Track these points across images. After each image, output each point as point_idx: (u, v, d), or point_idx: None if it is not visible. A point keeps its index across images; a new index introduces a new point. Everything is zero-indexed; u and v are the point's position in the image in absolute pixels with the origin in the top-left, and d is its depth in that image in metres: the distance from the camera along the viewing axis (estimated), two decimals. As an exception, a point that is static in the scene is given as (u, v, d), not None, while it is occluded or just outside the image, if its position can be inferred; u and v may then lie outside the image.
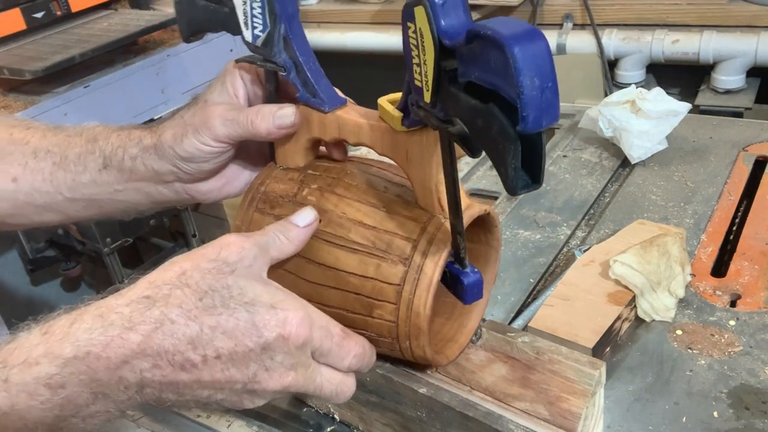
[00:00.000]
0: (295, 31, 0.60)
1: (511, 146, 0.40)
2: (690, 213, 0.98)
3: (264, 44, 0.60)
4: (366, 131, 0.59)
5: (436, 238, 0.56)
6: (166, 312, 0.49)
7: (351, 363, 0.55)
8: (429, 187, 0.57)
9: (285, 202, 0.62)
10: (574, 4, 1.97)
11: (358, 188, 0.61)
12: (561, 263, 0.93)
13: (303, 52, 0.60)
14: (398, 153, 0.58)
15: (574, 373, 0.61)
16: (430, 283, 0.55)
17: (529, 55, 0.38)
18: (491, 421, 0.59)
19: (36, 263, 2.06)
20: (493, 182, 1.14)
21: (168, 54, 1.76)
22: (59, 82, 1.60)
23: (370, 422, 0.69)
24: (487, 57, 0.40)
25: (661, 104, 1.08)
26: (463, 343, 0.63)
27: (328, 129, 0.61)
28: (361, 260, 0.58)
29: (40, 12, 1.66)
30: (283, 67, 0.61)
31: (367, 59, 2.21)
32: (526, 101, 0.38)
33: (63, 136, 0.70)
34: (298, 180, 0.63)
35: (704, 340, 0.76)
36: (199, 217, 2.11)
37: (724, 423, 0.67)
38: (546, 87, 0.38)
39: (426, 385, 0.63)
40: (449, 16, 0.44)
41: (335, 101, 0.61)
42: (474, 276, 0.57)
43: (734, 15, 1.79)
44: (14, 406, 0.47)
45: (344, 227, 0.59)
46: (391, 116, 0.56)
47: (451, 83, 0.45)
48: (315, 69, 0.61)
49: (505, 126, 0.40)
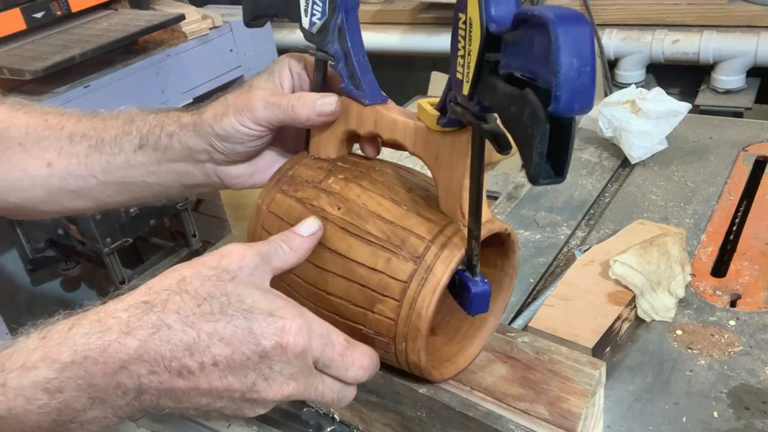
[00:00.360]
0: (351, 23, 0.61)
1: (540, 128, 0.40)
2: (690, 213, 0.98)
3: (319, 32, 0.61)
4: (401, 127, 0.60)
5: (451, 242, 0.56)
6: (163, 317, 0.49)
7: (357, 375, 0.54)
8: (453, 191, 0.57)
9: (309, 187, 0.63)
10: (574, 4, 1.97)
11: (383, 184, 0.61)
12: (561, 263, 0.93)
13: (355, 44, 0.61)
14: (429, 153, 0.58)
15: (574, 373, 0.61)
16: (437, 285, 0.55)
17: (571, 36, 0.37)
18: (491, 421, 0.59)
19: (36, 263, 2.06)
20: (493, 182, 1.14)
21: (168, 54, 1.76)
22: (59, 82, 1.59)
23: (370, 422, 0.69)
24: (531, 42, 0.40)
25: (661, 104, 1.08)
26: (461, 366, 0.63)
27: (365, 122, 0.62)
28: (373, 252, 0.58)
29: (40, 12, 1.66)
30: (334, 56, 0.61)
31: (367, 59, 2.20)
32: (561, 80, 0.38)
33: (99, 120, 0.71)
34: (326, 169, 0.64)
35: (704, 340, 0.76)
36: (199, 217, 2.11)
37: (724, 423, 0.67)
38: (584, 70, 0.38)
39: (426, 385, 0.63)
40: (500, 5, 0.44)
41: (377, 97, 0.62)
42: (483, 286, 0.57)
43: (734, 15, 1.79)
44: (11, 410, 0.47)
45: (362, 217, 0.59)
46: (428, 114, 0.56)
47: (491, 74, 0.45)
48: (363, 63, 0.62)
49: (536, 108, 0.40)
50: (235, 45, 1.93)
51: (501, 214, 1.04)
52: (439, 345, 0.64)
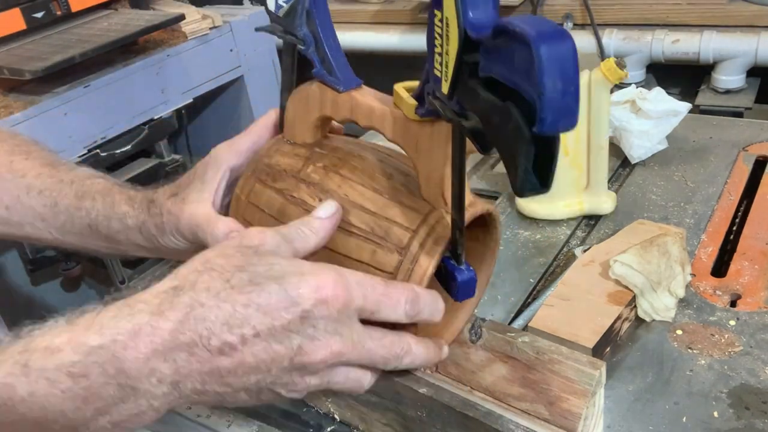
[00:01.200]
0: (320, 6, 0.59)
1: (525, 147, 0.39)
2: (690, 213, 0.98)
3: (286, 15, 0.60)
4: (378, 115, 0.58)
5: (435, 231, 0.56)
6: (195, 297, 0.47)
7: (407, 309, 0.52)
8: (434, 180, 0.56)
9: (288, 177, 0.62)
10: (574, 3, 1.97)
11: (363, 171, 0.60)
12: (561, 263, 0.93)
13: (324, 28, 0.59)
14: (408, 141, 0.57)
15: (574, 373, 0.61)
16: (423, 275, 0.55)
17: (555, 56, 0.37)
18: (491, 421, 0.59)
19: (36, 263, 2.06)
20: (493, 182, 1.14)
21: (168, 54, 1.76)
22: (59, 82, 1.59)
23: (370, 422, 0.69)
24: (512, 54, 0.39)
25: (661, 104, 1.08)
26: (447, 341, 0.63)
27: (341, 109, 0.61)
28: (358, 244, 0.57)
29: (40, 12, 1.66)
30: (303, 40, 0.60)
31: (367, 59, 2.21)
32: (546, 102, 0.37)
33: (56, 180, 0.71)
34: (304, 156, 0.63)
35: (704, 340, 0.76)
36: (199, 217, 2.11)
37: (724, 423, 0.67)
38: (568, 91, 0.37)
39: (426, 385, 0.63)
40: (478, 9, 0.43)
41: (351, 82, 0.60)
42: (468, 274, 0.57)
43: (734, 15, 1.79)
44: (33, 393, 0.45)
45: (344, 209, 0.58)
46: (405, 103, 0.55)
47: (471, 77, 0.44)
48: (334, 47, 0.60)
49: (521, 126, 0.39)
50: (235, 45, 1.93)
51: (501, 214, 1.04)
52: None
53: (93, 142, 1.63)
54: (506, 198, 1.08)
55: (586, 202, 1.00)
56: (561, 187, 0.99)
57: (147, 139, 1.75)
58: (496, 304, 0.86)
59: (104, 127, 1.65)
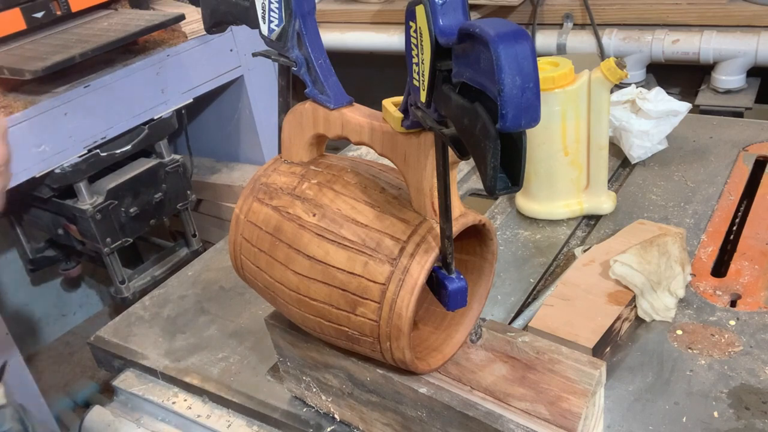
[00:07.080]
0: (309, 28, 0.61)
1: (491, 144, 0.41)
2: (690, 213, 0.98)
3: (278, 38, 0.62)
4: (367, 130, 0.60)
5: (425, 241, 0.57)
6: None
7: None
8: (423, 190, 0.57)
9: (284, 194, 0.64)
10: (574, 3, 1.97)
11: (356, 186, 0.62)
12: (561, 263, 0.93)
13: (315, 49, 0.61)
14: (397, 154, 0.58)
15: (575, 372, 0.61)
16: (415, 285, 0.56)
17: (512, 54, 0.39)
18: (491, 420, 0.59)
19: (36, 263, 2.06)
20: (493, 182, 1.14)
21: (168, 54, 1.76)
22: (59, 82, 1.59)
23: (370, 422, 0.69)
24: (477, 56, 0.41)
25: (661, 104, 1.08)
26: (447, 354, 0.64)
27: (332, 126, 0.62)
28: (350, 257, 0.58)
29: (40, 12, 1.66)
30: (295, 62, 0.62)
31: (367, 59, 2.21)
32: (506, 99, 0.39)
33: None
34: (299, 174, 0.65)
35: (704, 340, 0.76)
36: (199, 217, 2.11)
37: (724, 423, 0.67)
38: (527, 87, 0.39)
39: (426, 384, 0.63)
40: (447, 16, 0.45)
41: (342, 99, 0.62)
42: (459, 282, 0.58)
43: (734, 15, 1.79)
44: None
45: (337, 223, 0.60)
46: (392, 117, 0.56)
47: (445, 83, 0.46)
48: (325, 67, 0.62)
49: (486, 124, 0.41)
50: (235, 45, 1.93)
51: (501, 214, 1.04)
52: (427, 335, 0.65)
53: (93, 142, 1.64)
54: (506, 198, 1.08)
55: (586, 202, 1.00)
56: (561, 187, 0.99)
57: (147, 139, 1.75)
58: (496, 304, 0.86)
59: (104, 127, 1.65)
